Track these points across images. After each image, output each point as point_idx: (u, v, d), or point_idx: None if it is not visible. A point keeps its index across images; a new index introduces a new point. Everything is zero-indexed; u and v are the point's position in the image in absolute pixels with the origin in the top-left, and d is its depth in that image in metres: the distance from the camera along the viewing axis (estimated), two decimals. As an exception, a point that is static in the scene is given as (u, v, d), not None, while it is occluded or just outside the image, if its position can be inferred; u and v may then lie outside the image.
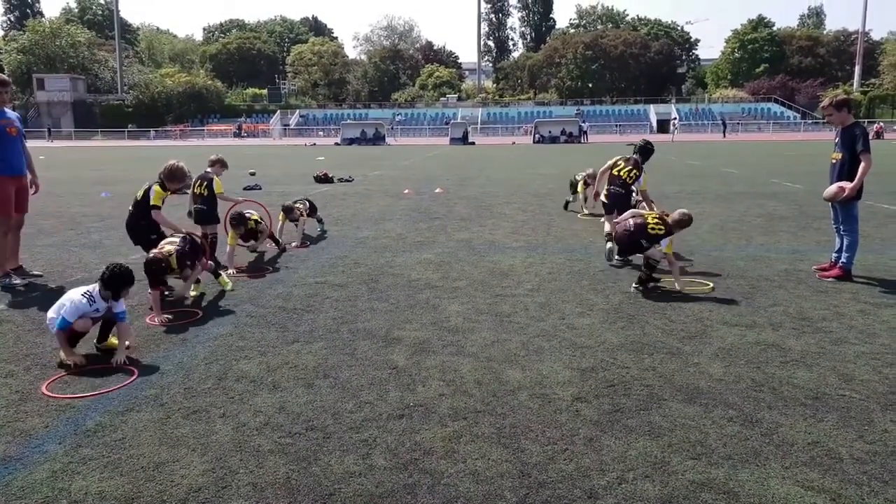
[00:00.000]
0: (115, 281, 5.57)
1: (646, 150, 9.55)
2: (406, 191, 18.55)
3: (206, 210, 8.81)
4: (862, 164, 7.55)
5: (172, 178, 7.77)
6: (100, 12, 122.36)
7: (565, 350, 5.53)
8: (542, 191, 18.19)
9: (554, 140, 61.50)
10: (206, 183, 8.79)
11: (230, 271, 8.34)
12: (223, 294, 7.52)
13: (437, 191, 18.43)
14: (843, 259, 7.85)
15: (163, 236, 7.50)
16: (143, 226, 7.72)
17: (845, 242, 7.84)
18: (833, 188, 7.76)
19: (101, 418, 4.37)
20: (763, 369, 5.04)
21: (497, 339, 5.85)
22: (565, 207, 14.18)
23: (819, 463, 3.70)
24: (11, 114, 8.16)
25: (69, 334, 5.45)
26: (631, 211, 8.34)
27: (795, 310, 6.58)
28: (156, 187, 7.62)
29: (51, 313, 5.57)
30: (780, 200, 15.30)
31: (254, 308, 6.94)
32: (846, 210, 7.84)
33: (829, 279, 7.78)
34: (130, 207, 7.87)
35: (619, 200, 9.27)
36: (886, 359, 5.23)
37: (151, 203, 7.55)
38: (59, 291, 7.71)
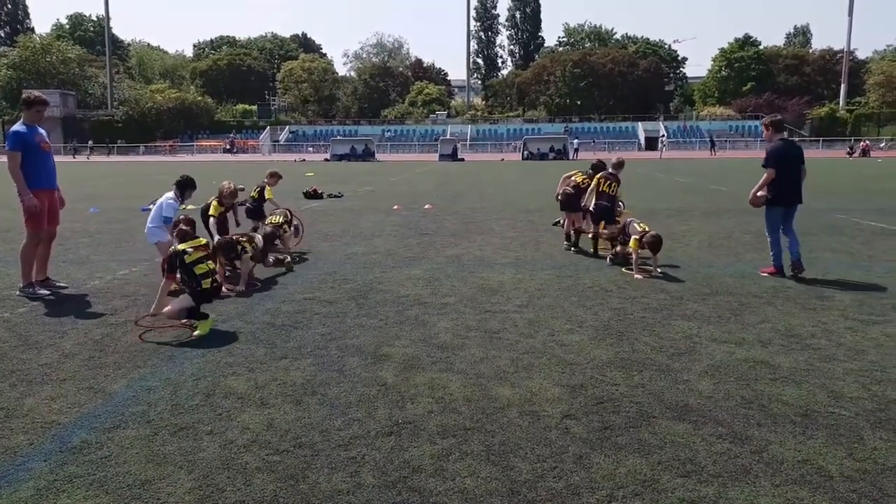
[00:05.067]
0: (184, 184, 8.73)
1: (598, 167, 11.35)
2: (395, 207, 18.56)
3: (253, 209, 11.69)
4: (763, 176, 8.92)
5: (222, 196, 9.90)
6: (91, 28, 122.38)
7: (554, 367, 5.52)
8: (531, 207, 18.22)
9: (543, 157, 61.73)
10: (258, 189, 11.72)
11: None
12: (213, 310, 7.46)
13: (427, 207, 18.44)
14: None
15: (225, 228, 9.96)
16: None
17: (768, 242, 9.08)
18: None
19: (86, 435, 4.32)
20: (752, 386, 5.04)
21: (486, 355, 5.83)
22: (555, 224, 14.18)
23: (809, 481, 3.69)
24: (43, 130, 8.44)
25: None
26: (564, 177, 11.77)
27: (784, 326, 6.61)
28: (214, 202, 9.82)
29: (149, 224, 8.75)
30: (768, 217, 15.36)
31: (242, 324, 6.90)
32: (765, 214, 9.14)
33: (765, 274, 8.98)
34: (203, 206, 10.15)
35: (605, 212, 10.55)
36: (875, 376, 5.25)
37: (210, 213, 9.76)
38: (50, 308, 7.66)
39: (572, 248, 11.22)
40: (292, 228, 11.21)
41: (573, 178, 11.54)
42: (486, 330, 6.60)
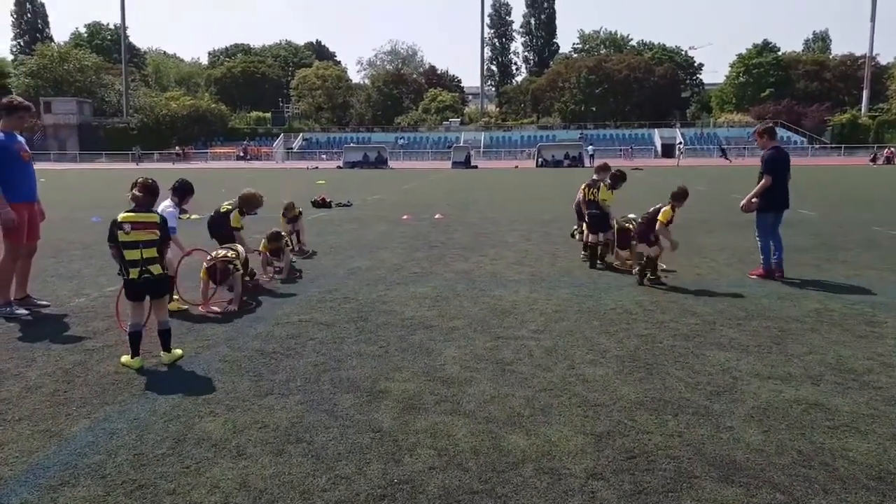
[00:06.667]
0: (183, 188, 8.17)
1: (619, 176, 11.01)
2: (405, 216, 17.90)
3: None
4: (761, 182, 9.33)
5: (249, 205, 9.44)
6: (108, 37, 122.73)
7: (576, 409, 4.81)
8: (546, 217, 17.50)
9: (557, 164, 60.98)
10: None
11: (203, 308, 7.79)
12: (200, 333, 6.82)
13: (437, 217, 17.77)
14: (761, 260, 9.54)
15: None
16: (219, 227, 9.44)
17: (759, 246, 9.57)
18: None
19: (28, 495, 3.69)
20: (809, 437, 4.30)
21: (497, 393, 5.13)
22: (572, 236, 13.43)
23: (896, 571, 2.98)
24: (22, 138, 7.89)
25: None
26: (583, 186, 11.10)
27: (834, 358, 5.85)
28: (235, 213, 9.25)
29: None
30: (797, 229, 14.44)
31: (229, 351, 6.25)
32: (757, 219, 9.61)
33: (753, 276, 9.44)
34: (213, 213, 9.75)
35: (598, 220, 10.47)
36: (949, 422, 4.50)
37: (232, 225, 9.21)
38: (25, 330, 7.04)
39: (596, 262, 10.47)
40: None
41: (591, 199, 10.87)
42: (497, 360, 5.90)
